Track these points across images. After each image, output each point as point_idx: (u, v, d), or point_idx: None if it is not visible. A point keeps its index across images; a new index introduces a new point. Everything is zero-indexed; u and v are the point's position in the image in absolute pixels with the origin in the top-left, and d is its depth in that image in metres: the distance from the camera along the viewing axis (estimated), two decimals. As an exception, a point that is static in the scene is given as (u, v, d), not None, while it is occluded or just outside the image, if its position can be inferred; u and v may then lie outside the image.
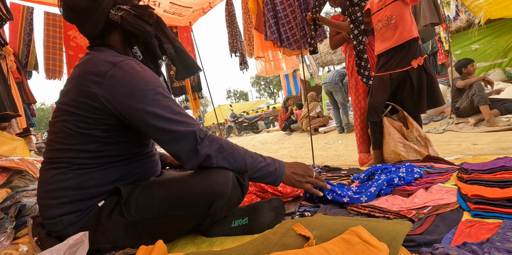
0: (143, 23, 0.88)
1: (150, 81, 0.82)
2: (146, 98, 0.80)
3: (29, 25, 3.04)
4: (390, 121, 1.82)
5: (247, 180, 0.93)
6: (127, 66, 0.82)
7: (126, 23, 0.85)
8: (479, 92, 3.35)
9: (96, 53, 0.86)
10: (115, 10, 0.85)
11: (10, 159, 1.26)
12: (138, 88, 0.79)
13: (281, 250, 0.65)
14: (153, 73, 0.87)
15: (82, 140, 0.83)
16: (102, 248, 0.84)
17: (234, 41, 3.52)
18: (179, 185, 0.84)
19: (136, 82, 0.80)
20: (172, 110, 0.82)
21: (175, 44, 1.00)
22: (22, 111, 2.75)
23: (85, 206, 0.84)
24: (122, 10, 0.86)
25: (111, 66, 0.80)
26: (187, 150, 0.81)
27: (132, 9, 0.87)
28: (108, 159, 0.87)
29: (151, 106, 0.79)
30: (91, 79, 0.80)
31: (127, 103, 0.79)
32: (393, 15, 1.77)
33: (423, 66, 1.77)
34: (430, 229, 0.75)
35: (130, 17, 0.86)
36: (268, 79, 28.97)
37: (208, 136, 0.84)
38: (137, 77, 0.81)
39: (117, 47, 0.92)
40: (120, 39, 0.92)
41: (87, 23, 0.87)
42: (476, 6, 3.65)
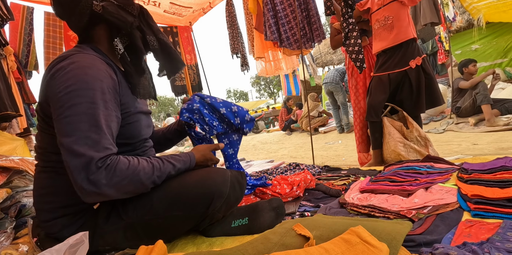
0: (124, 13, 0.86)
1: (84, 81, 0.73)
2: (69, 99, 0.71)
3: (29, 25, 3.04)
4: (391, 121, 1.82)
5: (244, 179, 0.93)
6: (72, 59, 0.76)
7: (107, 13, 0.84)
8: (483, 92, 3.35)
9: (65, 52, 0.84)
10: (98, 1, 0.84)
11: (10, 159, 1.26)
12: (66, 86, 0.71)
13: (281, 250, 0.65)
14: (103, 71, 0.79)
15: (53, 143, 0.78)
16: (101, 249, 0.84)
17: (235, 42, 3.51)
18: (177, 185, 0.83)
19: (68, 78, 0.72)
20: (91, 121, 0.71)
21: (159, 36, 0.96)
22: (22, 111, 2.75)
23: (79, 209, 0.83)
24: (104, 1, 0.85)
25: (59, 60, 0.77)
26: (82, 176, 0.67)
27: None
28: None
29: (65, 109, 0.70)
30: (44, 78, 0.79)
31: (54, 101, 0.73)
32: (390, 15, 1.78)
33: (421, 66, 1.77)
34: (430, 229, 0.75)
35: (112, 7, 0.85)
36: (268, 79, 28.96)
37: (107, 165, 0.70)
38: (71, 73, 0.73)
39: (101, 43, 0.90)
40: (105, 33, 0.89)
41: (73, 16, 0.86)
42: (475, 8, 3.64)
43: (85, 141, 0.69)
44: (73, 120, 0.70)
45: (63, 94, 0.71)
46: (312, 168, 1.81)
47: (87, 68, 0.75)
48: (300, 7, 2.76)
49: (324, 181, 1.43)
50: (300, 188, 1.25)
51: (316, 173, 1.70)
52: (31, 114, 3.94)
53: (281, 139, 6.45)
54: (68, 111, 0.70)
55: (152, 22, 0.95)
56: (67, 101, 0.71)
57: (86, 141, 0.69)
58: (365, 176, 1.43)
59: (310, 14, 2.77)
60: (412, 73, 1.77)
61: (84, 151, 0.68)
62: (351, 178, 1.44)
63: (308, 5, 2.77)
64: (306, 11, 2.78)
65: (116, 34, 0.88)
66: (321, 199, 1.23)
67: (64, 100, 0.71)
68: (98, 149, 0.70)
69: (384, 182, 1.20)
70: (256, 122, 10.36)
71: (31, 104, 3.91)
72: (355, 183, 1.31)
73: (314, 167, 1.86)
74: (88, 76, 0.74)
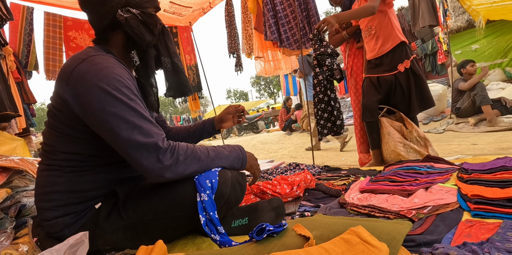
0: (144, 30, 0.87)
1: (115, 79, 0.76)
2: (106, 98, 0.73)
3: (29, 25, 3.04)
4: (390, 122, 1.83)
5: (245, 180, 0.93)
6: (93, 61, 0.77)
7: (128, 26, 0.85)
8: (482, 92, 3.35)
9: (80, 51, 0.85)
10: (124, 11, 0.86)
11: (10, 159, 1.26)
12: (99, 86, 0.74)
13: (281, 250, 0.65)
14: (124, 71, 0.81)
15: (65, 142, 0.82)
16: (101, 249, 0.84)
17: (233, 42, 3.52)
18: (178, 186, 0.84)
19: (99, 79, 0.74)
20: (135, 114, 0.76)
21: (174, 59, 0.98)
22: (21, 111, 2.75)
23: (80, 208, 0.84)
24: (130, 12, 0.86)
25: (79, 62, 0.78)
26: (150, 163, 0.75)
27: (140, 14, 0.87)
28: (99, 161, 0.85)
29: (111, 107, 0.73)
30: (62, 78, 0.79)
31: (85, 101, 0.75)
32: (372, 25, 1.81)
33: (410, 69, 1.79)
34: (430, 229, 0.75)
35: (134, 21, 0.86)
36: (268, 79, 28.97)
37: (171, 146, 0.78)
38: (99, 74, 0.75)
39: (115, 47, 0.91)
40: (121, 40, 0.91)
41: (95, 15, 0.88)
42: (474, 10, 3.65)
43: (140, 130, 0.75)
44: (121, 116, 0.74)
45: (98, 95, 0.73)
46: (312, 168, 1.81)
47: (111, 68, 0.78)
48: (300, 7, 2.76)
49: (324, 181, 1.43)
50: (300, 188, 1.25)
51: (316, 173, 1.70)
52: (31, 114, 3.94)
53: (281, 139, 6.44)
54: (112, 108, 0.73)
55: (170, 43, 0.97)
56: (106, 101, 0.73)
57: (141, 130, 0.75)
58: (365, 176, 1.43)
59: (310, 14, 2.77)
60: (402, 77, 1.79)
61: (144, 139, 0.74)
62: (351, 178, 1.44)
63: (308, 5, 2.77)
64: (306, 11, 2.78)
65: (132, 46, 0.89)
66: (321, 199, 1.23)
67: (103, 100, 0.73)
68: (154, 135, 0.76)
69: (384, 182, 1.20)
70: (256, 122, 10.36)
71: (31, 104, 3.91)
72: (355, 183, 1.31)
73: (314, 167, 1.86)
74: (116, 75, 0.77)
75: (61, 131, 0.81)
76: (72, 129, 0.81)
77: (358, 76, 2.17)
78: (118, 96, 0.74)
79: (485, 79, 5.29)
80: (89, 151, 0.83)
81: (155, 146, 0.75)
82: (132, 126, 0.74)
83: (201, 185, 0.82)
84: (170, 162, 0.76)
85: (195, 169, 0.81)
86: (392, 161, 1.77)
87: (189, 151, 0.81)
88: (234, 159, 0.92)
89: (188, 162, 0.80)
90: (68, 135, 0.81)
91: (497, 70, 5.51)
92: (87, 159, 0.84)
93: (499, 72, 5.42)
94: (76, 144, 0.82)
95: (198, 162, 0.82)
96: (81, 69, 0.76)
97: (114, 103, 0.74)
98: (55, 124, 0.82)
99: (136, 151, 0.74)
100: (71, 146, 0.82)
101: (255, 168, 1.00)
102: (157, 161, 0.75)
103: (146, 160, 0.74)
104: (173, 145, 0.79)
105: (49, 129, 0.84)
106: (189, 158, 0.80)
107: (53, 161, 0.83)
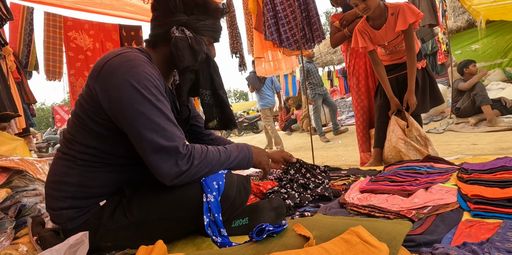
0: (188, 55, 0.86)
1: (146, 78, 0.77)
2: (136, 95, 0.75)
3: (29, 25, 3.04)
4: (397, 120, 1.85)
5: (249, 183, 0.94)
6: (127, 57, 0.78)
7: (175, 45, 0.86)
8: (481, 92, 3.35)
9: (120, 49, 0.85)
10: (179, 29, 0.87)
11: (10, 159, 1.26)
12: (129, 82, 0.74)
13: (281, 250, 0.65)
14: (155, 71, 0.82)
15: (84, 133, 0.83)
16: (102, 246, 0.84)
17: (235, 42, 3.52)
18: (184, 188, 0.84)
19: (130, 75, 0.75)
20: (161, 116, 0.77)
21: (218, 92, 0.97)
22: (21, 112, 2.75)
23: (86, 203, 0.84)
24: (183, 33, 0.87)
25: (112, 56, 0.79)
26: (167, 167, 0.76)
27: (191, 38, 0.87)
28: (112, 160, 0.86)
29: (139, 105, 0.74)
30: (94, 69, 0.80)
31: (113, 95, 0.75)
32: (400, 43, 1.83)
33: (425, 69, 1.87)
34: (430, 229, 0.75)
35: (182, 42, 0.86)
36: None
37: (189, 151, 0.80)
38: (131, 70, 0.76)
39: (157, 56, 0.92)
40: (166, 53, 0.91)
41: (156, 20, 0.91)
42: (474, 10, 3.66)
43: (164, 133, 0.76)
44: (148, 116, 0.75)
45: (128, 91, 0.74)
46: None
47: (142, 66, 0.78)
48: (300, 8, 2.76)
49: (324, 181, 1.43)
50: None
51: (316, 173, 1.70)
52: (31, 114, 3.94)
53: (281, 139, 6.44)
54: (139, 106, 0.74)
55: (216, 75, 0.96)
56: (135, 98, 0.74)
57: (165, 133, 0.76)
58: (365, 176, 1.43)
59: (310, 15, 2.77)
60: (419, 74, 1.83)
61: (166, 142, 0.75)
62: (351, 178, 1.43)
63: (308, 5, 2.77)
64: (306, 12, 2.78)
65: (172, 63, 0.91)
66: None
67: (132, 97, 0.74)
68: (176, 139, 0.77)
69: (384, 182, 1.20)
70: (256, 122, 10.35)
71: (31, 104, 3.91)
72: (355, 183, 1.31)
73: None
74: (147, 74, 0.77)
75: (83, 122, 0.82)
76: (94, 121, 0.81)
77: (360, 75, 2.17)
78: (147, 96, 0.75)
79: (485, 79, 5.29)
80: (105, 148, 0.84)
81: (176, 150, 0.76)
82: (157, 127, 0.75)
83: (208, 186, 0.82)
84: (186, 167, 0.77)
85: (205, 172, 0.83)
86: (392, 158, 1.79)
87: (203, 155, 0.82)
88: (241, 159, 0.93)
89: (201, 166, 0.81)
90: (88, 127, 0.82)
91: (497, 70, 5.50)
92: (101, 155, 0.84)
93: (499, 72, 5.42)
94: (94, 138, 0.83)
95: (209, 166, 0.83)
96: (113, 63, 0.77)
97: (143, 102, 0.75)
98: (79, 114, 0.83)
99: (156, 153, 0.75)
100: (88, 139, 0.83)
101: (264, 164, 1.02)
102: (175, 165, 0.76)
103: (164, 163, 0.75)
104: (190, 150, 0.80)
105: (73, 118, 0.85)
106: (202, 162, 0.81)
107: (70, 150, 0.84)
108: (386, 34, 1.78)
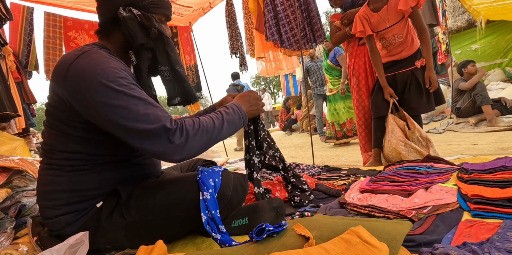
0: (139, 33, 0.86)
1: (113, 72, 0.75)
2: (108, 92, 0.73)
3: (29, 25, 3.04)
4: (395, 119, 1.83)
5: (247, 182, 0.93)
6: (89, 56, 0.77)
7: (124, 26, 0.85)
8: (482, 92, 3.35)
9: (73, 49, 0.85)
10: (126, 10, 0.86)
11: (10, 159, 1.26)
12: (97, 81, 0.73)
13: (281, 250, 0.65)
14: (119, 63, 0.81)
15: (64, 141, 0.81)
16: (102, 248, 0.84)
17: (235, 42, 3.52)
18: (180, 187, 0.84)
19: (96, 74, 0.74)
20: (139, 102, 0.75)
21: (176, 67, 0.95)
22: (21, 111, 2.75)
23: (82, 207, 0.84)
24: (130, 13, 0.86)
25: (75, 58, 0.77)
26: (162, 146, 0.75)
27: (139, 16, 0.86)
28: (100, 160, 0.85)
29: (114, 100, 0.73)
30: (58, 75, 0.78)
31: (86, 98, 0.74)
32: (399, 33, 1.81)
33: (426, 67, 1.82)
34: (430, 229, 0.75)
35: (131, 22, 0.85)
36: (268, 79, 28.93)
37: (179, 125, 0.78)
38: (97, 69, 0.74)
39: (113, 43, 0.91)
40: (120, 37, 0.90)
41: (102, 8, 0.90)
42: (475, 10, 3.66)
43: (147, 118, 0.74)
44: (125, 107, 0.73)
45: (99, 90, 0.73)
46: (312, 168, 1.81)
47: (107, 62, 0.77)
48: (300, 8, 2.76)
49: (324, 181, 1.43)
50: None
51: (316, 173, 1.70)
52: (31, 114, 3.93)
53: (281, 139, 6.44)
54: (114, 101, 0.73)
55: (171, 51, 0.95)
56: (107, 95, 0.73)
57: (147, 118, 0.74)
58: (365, 176, 1.43)
59: (311, 15, 2.77)
60: (418, 73, 1.81)
61: (151, 125, 0.73)
62: (351, 178, 1.44)
63: (308, 5, 2.77)
64: (306, 12, 2.78)
65: (128, 46, 0.89)
66: (321, 199, 1.23)
67: (104, 95, 0.73)
68: (161, 119, 0.75)
69: (384, 182, 1.20)
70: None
71: (31, 104, 3.91)
72: (355, 183, 1.31)
73: (314, 167, 1.86)
74: (112, 68, 0.77)
75: (60, 130, 0.81)
76: (71, 127, 0.80)
77: (360, 75, 2.17)
78: (119, 88, 0.74)
79: (485, 79, 5.29)
80: (89, 150, 0.83)
81: (164, 128, 0.74)
82: (138, 115, 0.74)
83: (204, 184, 0.82)
84: (181, 140, 0.76)
85: (204, 142, 0.81)
86: (392, 159, 1.78)
87: (196, 125, 0.81)
88: (238, 121, 0.93)
89: (198, 136, 0.80)
90: (67, 133, 0.81)
91: (497, 70, 5.50)
92: (87, 157, 0.83)
93: (499, 72, 5.42)
94: (75, 142, 0.82)
95: (206, 134, 0.82)
96: (77, 65, 0.75)
97: (117, 95, 0.73)
98: (53, 123, 0.82)
99: (146, 139, 0.74)
100: (70, 145, 0.82)
101: (255, 110, 1.04)
102: (169, 142, 0.75)
103: (158, 144, 0.74)
104: (180, 123, 0.78)
105: (48, 128, 0.84)
106: (198, 132, 0.80)
107: (53, 160, 0.83)
108: (388, 17, 1.79)
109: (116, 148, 0.87)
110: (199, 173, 0.87)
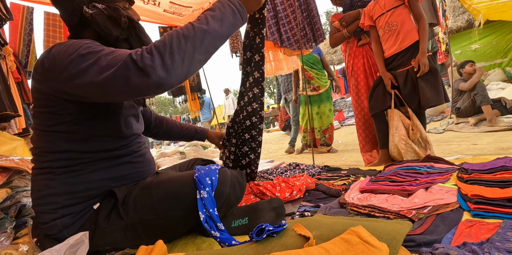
0: (111, 26, 0.85)
1: (85, 45, 0.73)
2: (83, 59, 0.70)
3: (29, 25, 3.04)
4: (402, 117, 1.82)
5: (244, 179, 0.93)
6: (62, 44, 0.76)
7: (94, 22, 0.84)
8: (482, 92, 3.36)
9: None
10: (90, 7, 0.84)
11: (10, 159, 1.26)
12: (73, 57, 0.71)
13: (281, 250, 0.65)
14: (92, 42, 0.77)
15: (53, 140, 0.81)
16: (101, 249, 0.84)
17: (235, 41, 3.52)
18: (177, 185, 0.84)
19: (71, 54, 0.72)
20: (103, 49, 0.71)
21: None
22: (21, 112, 2.75)
23: (78, 209, 0.83)
24: (95, 8, 0.85)
25: (46, 53, 0.77)
26: (136, 77, 0.66)
27: (105, 9, 0.85)
28: (90, 158, 0.85)
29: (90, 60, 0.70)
30: (37, 72, 0.79)
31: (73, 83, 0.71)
32: (394, 21, 1.80)
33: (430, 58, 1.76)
34: (430, 229, 0.75)
35: (100, 17, 0.84)
36: (268, 79, 28.96)
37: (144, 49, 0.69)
38: (70, 50, 0.73)
39: None
40: (93, 37, 0.88)
41: (66, 13, 0.88)
42: (475, 9, 3.66)
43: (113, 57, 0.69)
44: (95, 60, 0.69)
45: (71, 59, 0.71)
46: (312, 168, 1.81)
47: (78, 41, 0.76)
48: (300, 8, 2.76)
49: (324, 181, 1.43)
50: (300, 192, 1.25)
51: (316, 173, 1.70)
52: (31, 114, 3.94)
53: (281, 139, 6.44)
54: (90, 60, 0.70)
55: (144, 37, 0.93)
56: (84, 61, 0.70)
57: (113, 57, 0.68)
58: (365, 176, 1.43)
59: (311, 15, 2.77)
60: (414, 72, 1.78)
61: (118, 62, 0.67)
62: (351, 178, 1.44)
63: (309, 5, 2.77)
64: (306, 11, 2.78)
65: (103, 42, 0.86)
66: (321, 199, 1.23)
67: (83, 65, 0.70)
68: (123, 53, 0.69)
69: (384, 182, 1.20)
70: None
71: (31, 104, 3.91)
72: (355, 183, 1.31)
73: (314, 167, 1.86)
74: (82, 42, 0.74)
75: (50, 129, 0.81)
76: (59, 124, 0.80)
77: (359, 76, 2.17)
78: (90, 50, 0.71)
79: (485, 79, 5.29)
80: (78, 147, 0.83)
81: (130, 58, 0.67)
82: (103, 59, 0.69)
83: (201, 182, 0.82)
84: (153, 61, 0.66)
85: (189, 50, 0.70)
86: (396, 155, 1.79)
87: (167, 38, 0.70)
88: (230, 14, 0.79)
89: (175, 48, 0.68)
90: (54, 131, 0.81)
91: (497, 70, 5.50)
92: (76, 156, 0.83)
93: (499, 72, 5.42)
94: (65, 141, 0.82)
95: (186, 40, 0.70)
96: (49, 56, 0.75)
97: (89, 55, 0.71)
98: (40, 124, 0.82)
99: (116, 78, 0.66)
100: (60, 144, 0.82)
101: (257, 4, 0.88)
102: (139, 69, 0.65)
103: (133, 78, 0.66)
104: (146, 47, 0.70)
105: (35, 131, 0.84)
106: (173, 44, 0.69)
107: (44, 163, 0.83)
108: (385, 4, 1.81)
109: (105, 142, 0.87)
110: (196, 172, 0.87)
